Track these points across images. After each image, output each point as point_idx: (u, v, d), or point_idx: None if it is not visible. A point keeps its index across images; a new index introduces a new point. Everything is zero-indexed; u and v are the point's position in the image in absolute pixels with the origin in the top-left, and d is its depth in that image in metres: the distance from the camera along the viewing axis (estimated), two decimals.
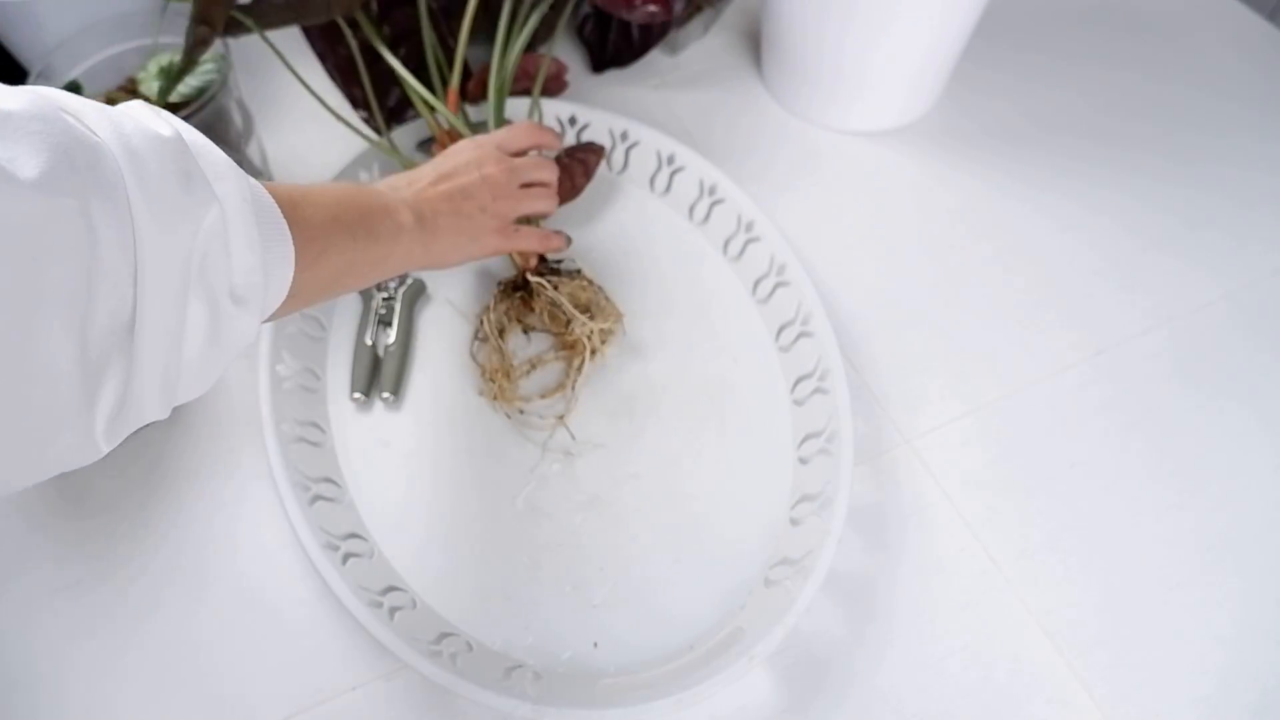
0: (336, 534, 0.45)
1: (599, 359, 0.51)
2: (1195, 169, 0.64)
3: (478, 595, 0.45)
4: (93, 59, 0.52)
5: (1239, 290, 0.57)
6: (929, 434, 0.51)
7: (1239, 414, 0.52)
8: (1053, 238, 0.60)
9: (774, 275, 0.55)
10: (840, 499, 0.45)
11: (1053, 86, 0.68)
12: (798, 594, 0.42)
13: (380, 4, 0.58)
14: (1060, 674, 0.44)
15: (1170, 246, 0.60)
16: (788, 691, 0.43)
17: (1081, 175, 0.63)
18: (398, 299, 0.54)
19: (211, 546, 0.47)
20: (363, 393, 0.51)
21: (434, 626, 0.43)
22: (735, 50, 0.71)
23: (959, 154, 0.64)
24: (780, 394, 0.52)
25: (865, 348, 0.55)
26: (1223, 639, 0.45)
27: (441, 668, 0.40)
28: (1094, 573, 0.47)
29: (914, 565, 0.47)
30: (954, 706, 0.43)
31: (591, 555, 0.46)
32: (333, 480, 0.48)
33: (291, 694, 0.43)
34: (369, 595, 0.42)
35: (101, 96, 0.52)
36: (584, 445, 0.50)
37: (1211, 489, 0.50)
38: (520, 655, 0.43)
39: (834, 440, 0.47)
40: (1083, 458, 0.51)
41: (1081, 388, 0.53)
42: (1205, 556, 0.47)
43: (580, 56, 0.70)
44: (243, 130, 0.54)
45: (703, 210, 0.59)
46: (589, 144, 0.60)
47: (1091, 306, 0.57)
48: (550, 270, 0.53)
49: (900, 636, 0.45)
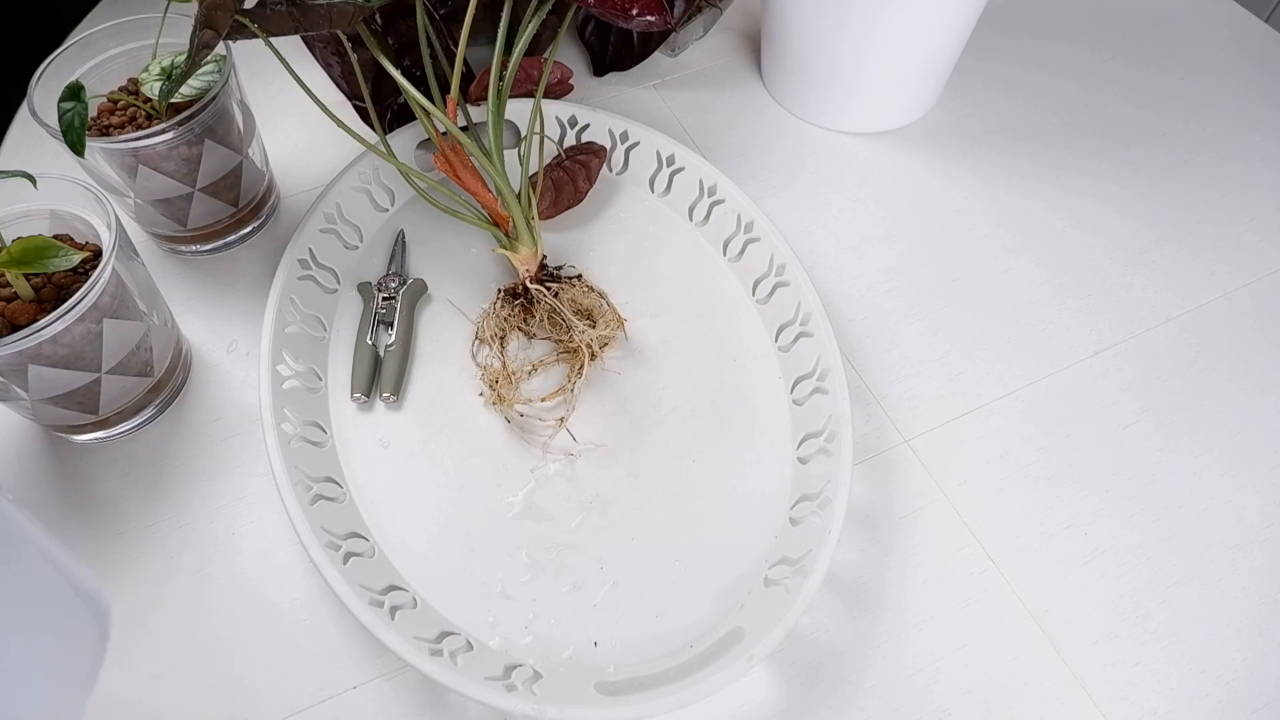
0: (338, 533, 0.45)
1: (599, 363, 0.52)
2: (1197, 165, 0.64)
3: (478, 594, 0.45)
4: (95, 60, 0.53)
5: (1239, 290, 0.57)
6: (929, 434, 0.51)
7: (1238, 414, 0.52)
8: (1053, 237, 0.60)
9: (774, 275, 0.55)
10: (840, 499, 0.45)
11: (1053, 86, 0.68)
12: (797, 593, 0.42)
13: (383, 16, 0.58)
14: (1059, 674, 0.44)
15: (1171, 246, 0.60)
16: (787, 691, 0.43)
17: (1083, 173, 0.63)
18: (399, 299, 0.54)
19: (211, 546, 0.47)
20: (363, 393, 0.51)
21: (434, 625, 0.43)
22: (735, 50, 0.71)
23: (959, 153, 0.64)
24: (780, 394, 0.52)
25: (865, 348, 0.55)
26: (1223, 639, 0.45)
27: (442, 667, 0.40)
28: (1093, 572, 0.47)
29: (913, 565, 0.47)
30: (953, 705, 0.43)
31: (591, 555, 0.47)
32: (334, 480, 0.48)
33: (291, 693, 0.43)
34: (370, 594, 0.42)
35: (103, 97, 0.52)
36: (584, 445, 0.50)
37: (1211, 488, 0.50)
38: (520, 654, 0.44)
39: (834, 440, 0.47)
40: (1082, 457, 0.51)
41: (1081, 387, 0.53)
42: (1205, 556, 0.47)
43: (582, 59, 0.70)
44: (244, 131, 0.54)
45: (703, 211, 0.59)
46: (589, 145, 0.60)
47: (1091, 306, 0.57)
48: (550, 277, 0.53)
49: (899, 635, 0.45)
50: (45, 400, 0.45)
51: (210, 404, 0.52)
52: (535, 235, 0.53)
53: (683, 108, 0.67)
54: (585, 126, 0.61)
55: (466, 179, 0.53)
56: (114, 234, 0.43)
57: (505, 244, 0.53)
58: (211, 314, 0.56)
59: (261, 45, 0.50)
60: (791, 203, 0.61)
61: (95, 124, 0.51)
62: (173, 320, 0.51)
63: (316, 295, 0.54)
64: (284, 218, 0.61)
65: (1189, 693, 0.44)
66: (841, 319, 0.56)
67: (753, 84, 0.69)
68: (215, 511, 0.48)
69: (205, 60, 0.48)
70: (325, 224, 0.56)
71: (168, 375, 0.51)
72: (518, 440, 0.50)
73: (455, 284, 0.56)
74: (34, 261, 0.42)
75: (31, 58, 0.51)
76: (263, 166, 0.58)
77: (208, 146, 0.51)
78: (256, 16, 0.46)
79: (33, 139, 0.62)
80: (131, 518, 0.48)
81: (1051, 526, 0.48)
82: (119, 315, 0.45)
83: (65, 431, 0.50)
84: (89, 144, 0.47)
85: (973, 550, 0.48)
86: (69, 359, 0.43)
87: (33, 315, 0.43)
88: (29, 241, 0.42)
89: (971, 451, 0.51)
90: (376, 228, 0.59)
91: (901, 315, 0.56)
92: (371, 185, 0.58)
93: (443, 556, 0.46)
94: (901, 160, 0.64)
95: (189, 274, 0.58)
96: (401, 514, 0.48)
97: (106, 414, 0.48)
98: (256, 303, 0.56)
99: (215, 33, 0.44)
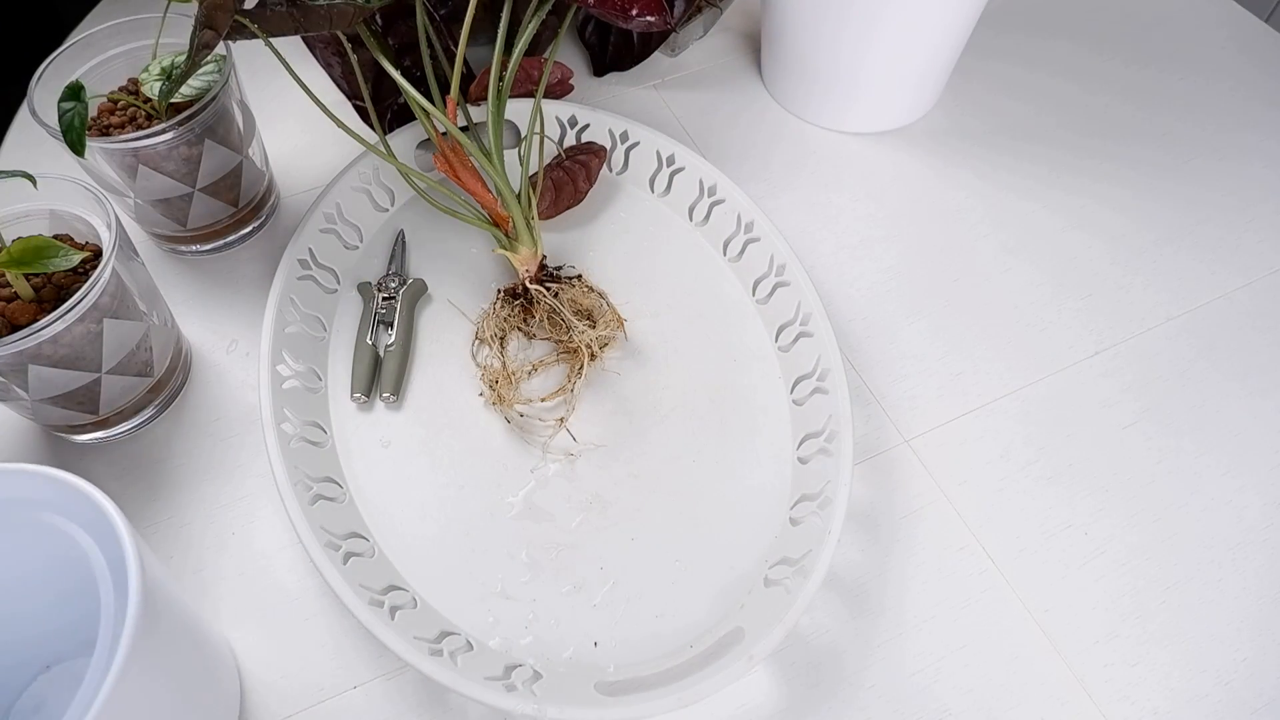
0: (338, 533, 0.45)
1: (599, 363, 0.52)
2: (1196, 165, 0.64)
3: (478, 594, 0.45)
4: (95, 60, 0.53)
5: (1239, 290, 0.57)
6: (929, 433, 0.51)
7: (1238, 414, 0.52)
8: (1053, 237, 0.60)
9: (774, 275, 0.55)
10: (840, 499, 0.45)
11: (1053, 86, 0.68)
12: (797, 594, 0.42)
13: (384, 17, 0.58)
14: (1059, 674, 0.44)
15: (1171, 246, 0.60)
16: (788, 691, 0.43)
17: (1083, 173, 0.63)
18: (399, 299, 0.54)
19: (211, 546, 0.47)
20: (363, 393, 0.51)
21: (434, 625, 0.43)
22: (735, 50, 0.71)
23: (959, 153, 0.64)
24: (780, 394, 0.52)
25: (865, 348, 0.55)
26: (1223, 639, 0.45)
27: (442, 667, 0.40)
28: (1093, 572, 0.47)
29: (913, 565, 0.47)
30: (953, 705, 0.43)
31: (591, 555, 0.47)
32: (334, 480, 0.48)
33: (291, 693, 0.43)
34: (370, 594, 0.42)
35: (103, 97, 0.52)
36: (584, 445, 0.50)
37: (1211, 489, 0.50)
38: (520, 654, 0.44)
39: (834, 440, 0.47)
40: (1082, 457, 0.51)
41: (1081, 387, 0.53)
42: (1205, 556, 0.47)
43: (582, 59, 0.70)
44: (244, 131, 0.54)
45: (703, 211, 0.59)
46: (589, 145, 0.60)
47: (1091, 306, 0.57)
48: (550, 277, 0.53)
49: (899, 635, 0.45)
50: (45, 400, 0.45)
51: (210, 404, 0.52)
52: (535, 235, 0.53)
53: (683, 108, 0.67)
54: (585, 126, 0.61)
55: (466, 179, 0.53)
56: (114, 234, 0.43)
57: (505, 244, 0.53)
58: (211, 314, 0.56)
59: (261, 45, 0.50)
60: (791, 203, 0.62)
61: (95, 124, 0.51)
62: (173, 320, 0.51)
63: (316, 295, 0.54)
64: (284, 218, 0.61)
65: (1189, 693, 0.44)
66: (841, 319, 0.56)
67: (753, 84, 0.69)
68: (215, 511, 0.48)
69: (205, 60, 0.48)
70: (325, 224, 0.56)
71: (168, 375, 0.51)
72: (518, 440, 0.50)
73: (455, 284, 0.56)
74: (34, 261, 0.42)
75: (31, 58, 0.51)
76: (263, 166, 0.58)
77: (208, 146, 0.51)
78: (256, 17, 0.46)
79: (33, 139, 0.62)
80: (131, 518, 0.48)
81: (1051, 526, 0.48)
82: (119, 315, 0.45)
83: (65, 431, 0.50)
84: (89, 144, 0.47)
85: (973, 550, 0.48)
86: (69, 359, 0.43)
87: (33, 315, 0.43)
88: (29, 241, 0.42)
89: (971, 451, 0.51)
90: (376, 228, 0.59)
91: (901, 315, 0.56)
92: (371, 185, 0.58)
93: (443, 556, 0.46)
94: (901, 160, 0.64)
95: (189, 274, 0.58)
96: (401, 514, 0.48)
97: (106, 414, 0.48)
98: (256, 303, 0.56)
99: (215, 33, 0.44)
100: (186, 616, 0.37)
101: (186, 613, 0.37)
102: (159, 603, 0.32)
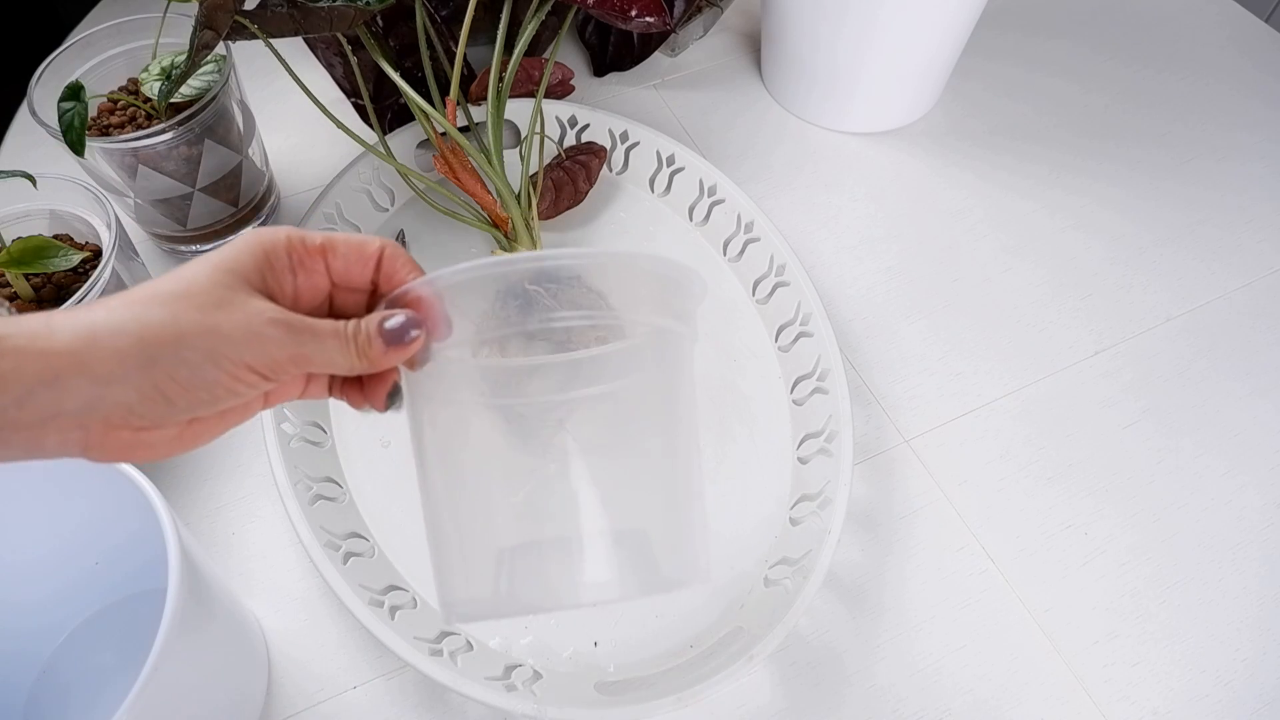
0: (337, 533, 0.45)
1: None
2: (1196, 165, 0.64)
3: None
4: (95, 60, 0.53)
5: (1239, 290, 0.57)
6: (929, 433, 0.51)
7: (1238, 414, 0.52)
8: (1053, 237, 0.60)
9: (774, 275, 0.55)
10: (840, 499, 0.45)
11: (1053, 87, 0.68)
12: (797, 594, 0.42)
13: (384, 18, 0.58)
14: (1059, 673, 0.44)
15: (1171, 246, 0.60)
16: (788, 691, 0.43)
17: (1082, 173, 0.63)
18: None
19: (212, 546, 0.47)
20: None
21: (434, 625, 0.43)
22: (735, 50, 0.71)
23: (959, 153, 0.64)
24: (780, 394, 0.52)
25: (865, 348, 0.55)
26: (1223, 639, 0.45)
27: (442, 667, 0.40)
28: (1093, 572, 0.47)
29: (913, 565, 0.47)
30: (953, 705, 0.43)
31: None
32: (334, 480, 0.48)
33: (292, 693, 0.43)
34: (370, 594, 0.42)
35: (103, 97, 0.52)
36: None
37: (1211, 489, 0.50)
38: (520, 654, 0.44)
39: (833, 440, 0.47)
40: (1082, 457, 0.51)
41: (1081, 387, 0.53)
42: (1205, 556, 0.47)
43: (582, 59, 0.70)
44: (244, 131, 0.54)
45: (703, 211, 0.59)
46: (589, 145, 0.60)
47: (1090, 306, 0.57)
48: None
49: (899, 635, 0.45)
50: None
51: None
52: (535, 236, 0.53)
53: (683, 108, 0.67)
54: (585, 126, 0.61)
55: (466, 181, 0.53)
56: (114, 234, 0.43)
57: (505, 245, 0.53)
58: None
59: (261, 45, 0.50)
60: (791, 203, 0.61)
61: (95, 124, 0.51)
62: None
63: None
64: (284, 218, 0.61)
65: (1189, 693, 0.44)
66: (841, 319, 0.56)
67: (753, 84, 0.69)
68: (215, 511, 0.48)
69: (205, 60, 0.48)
70: (325, 224, 0.56)
71: None
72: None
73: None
74: (34, 261, 0.42)
75: (31, 58, 0.51)
76: (263, 166, 0.58)
77: (208, 146, 0.51)
78: (257, 17, 0.46)
79: (33, 139, 0.62)
80: None
81: (1051, 526, 0.48)
82: None
83: None
84: (89, 144, 0.47)
85: (973, 550, 0.48)
86: None
87: None
88: (29, 241, 0.42)
89: (971, 451, 0.51)
90: (376, 228, 0.59)
91: (901, 315, 0.56)
92: (371, 185, 0.58)
93: None
94: (901, 160, 0.64)
95: None
96: (401, 514, 0.48)
97: None
98: None
99: (215, 33, 0.44)
100: (225, 592, 0.39)
101: (225, 588, 0.40)
102: (202, 576, 0.35)
